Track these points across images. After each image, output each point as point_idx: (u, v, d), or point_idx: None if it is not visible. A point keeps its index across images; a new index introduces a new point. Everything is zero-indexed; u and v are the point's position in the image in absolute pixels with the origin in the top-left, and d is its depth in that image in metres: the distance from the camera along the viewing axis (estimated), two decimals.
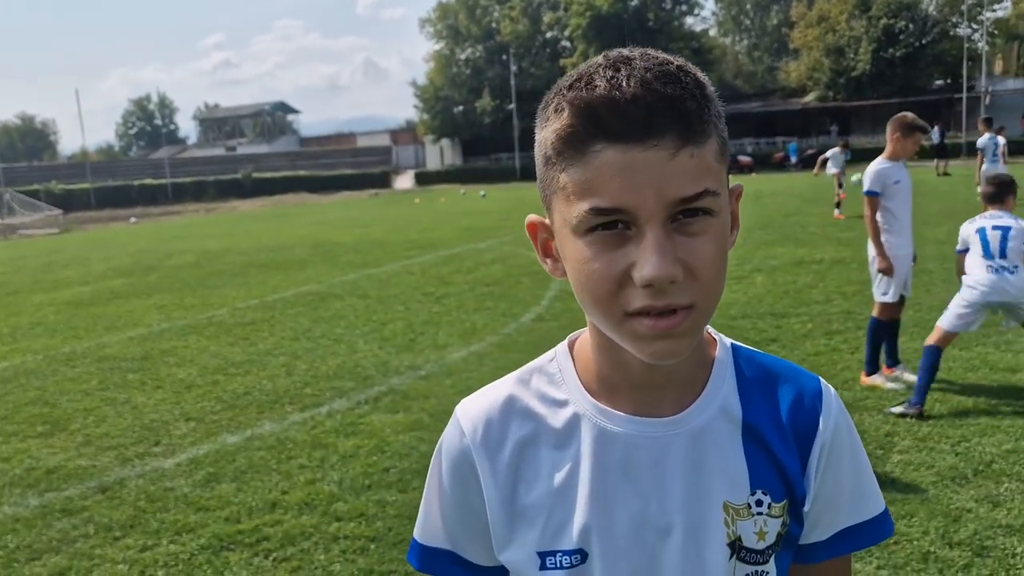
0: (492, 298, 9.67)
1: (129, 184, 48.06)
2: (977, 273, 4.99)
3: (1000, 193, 5.22)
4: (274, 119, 79.39)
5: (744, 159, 42.40)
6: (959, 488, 3.98)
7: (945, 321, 5.10)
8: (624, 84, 0.76)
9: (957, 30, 49.97)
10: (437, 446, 0.97)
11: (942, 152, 29.44)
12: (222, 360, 7.49)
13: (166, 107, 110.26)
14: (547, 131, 0.81)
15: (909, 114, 5.62)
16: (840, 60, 50.31)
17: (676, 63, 0.79)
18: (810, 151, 41.75)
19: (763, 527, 0.90)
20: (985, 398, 5.22)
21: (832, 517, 0.95)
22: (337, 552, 3.71)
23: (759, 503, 0.90)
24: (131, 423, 5.80)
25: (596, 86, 0.77)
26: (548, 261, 0.90)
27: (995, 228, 5.00)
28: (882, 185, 5.50)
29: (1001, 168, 14.68)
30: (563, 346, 0.98)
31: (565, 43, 59.56)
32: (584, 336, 0.96)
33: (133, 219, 34.50)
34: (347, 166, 56.24)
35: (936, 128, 34.03)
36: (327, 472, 4.62)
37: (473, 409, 0.95)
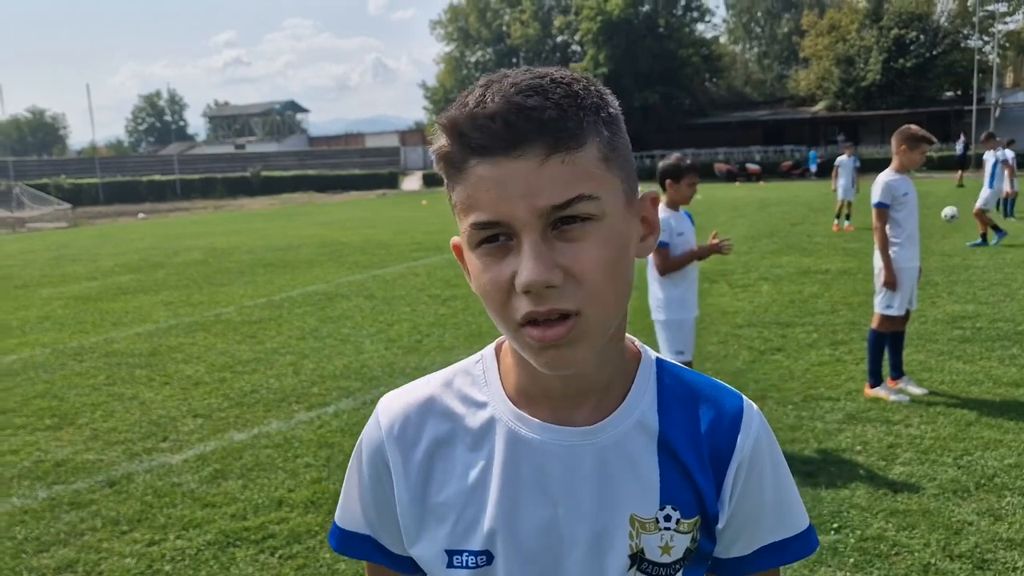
0: None
1: (138, 180, 48.20)
2: None
3: None
4: (284, 118, 79.64)
5: (752, 167, 42.33)
6: (961, 501, 4.01)
7: None
8: (488, 101, 0.78)
9: (968, 41, 49.91)
10: (359, 438, 0.99)
11: (963, 163, 29.60)
12: (229, 358, 7.54)
13: (176, 103, 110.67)
14: (436, 153, 0.83)
15: (914, 126, 5.65)
16: (850, 70, 50.29)
17: (552, 77, 0.81)
18: (818, 160, 41.75)
19: (669, 542, 0.91)
20: (988, 412, 5.23)
21: (753, 533, 0.96)
22: None
23: (667, 518, 0.91)
24: (139, 418, 5.84)
25: (465, 105, 0.80)
26: (466, 275, 0.91)
27: None
28: (891, 197, 5.53)
29: (1007, 184, 14.64)
30: (490, 349, 0.99)
31: (575, 47, 59.62)
32: (508, 342, 0.97)
33: (141, 215, 34.62)
34: (355, 166, 56.34)
35: (960, 140, 34.05)
36: (333, 471, 4.66)
37: (393, 405, 0.97)
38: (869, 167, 21.30)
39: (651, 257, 4.75)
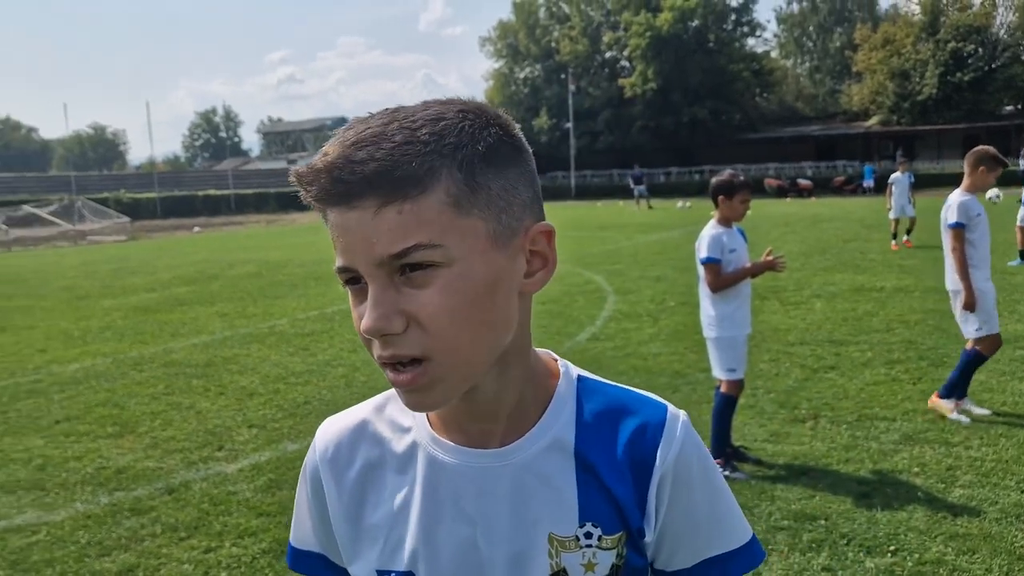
0: (547, 316, 9.72)
1: (194, 194, 49.38)
2: None
3: None
4: (335, 134, 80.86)
5: (803, 183, 41.75)
6: None
7: None
8: (334, 151, 0.79)
9: None
10: (304, 462, 1.02)
11: None
12: (283, 369, 7.68)
13: (231, 120, 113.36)
14: None
15: (991, 148, 5.57)
16: (905, 84, 49.42)
17: (403, 121, 0.80)
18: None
19: (592, 559, 0.91)
20: None
21: (691, 546, 0.95)
22: None
23: (588, 535, 0.91)
24: (196, 428, 5.98)
25: (315, 155, 0.81)
26: None
27: None
28: (967, 217, 5.42)
29: None
30: None
31: (624, 63, 59.62)
32: None
33: (197, 228, 35.44)
34: None
35: (1021, 154, 33.17)
36: None
37: (328, 431, 1.00)
38: (925, 183, 20.87)
39: (703, 274, 4.73)
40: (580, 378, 0.97)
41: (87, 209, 36.39)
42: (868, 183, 38.98)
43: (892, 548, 3.75)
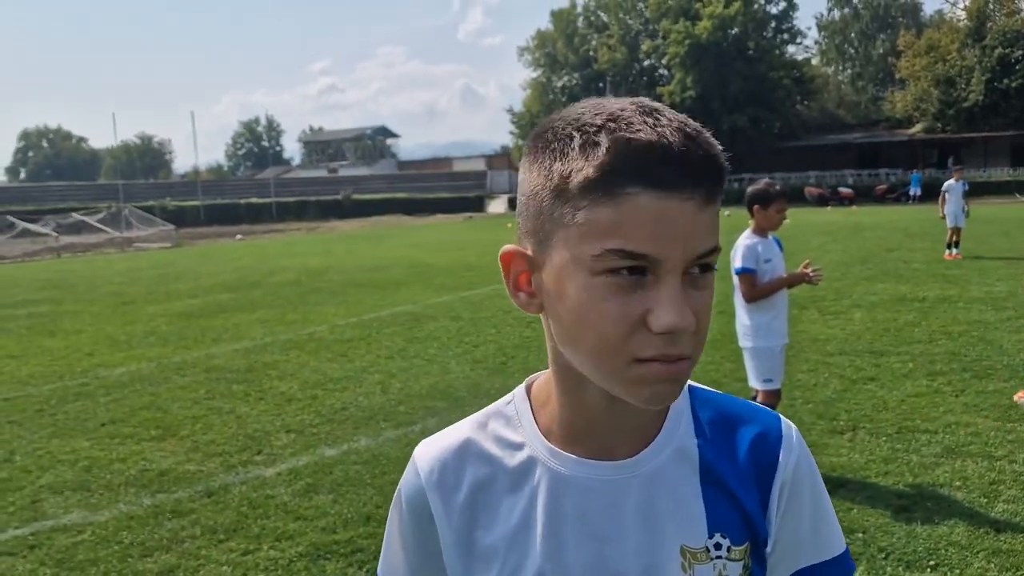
0: None
1: (236, 202, 50.22)
2: None
3: None
4: (374, 143, 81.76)
5: (845, 191, 41.23)
6: None
7: None
8: (669, 133, 0.75)
9: None
10: (398, 487, 0.97)
11: None
12: (321, 375, 7.78)
13: (273, 129, 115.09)
14: (567, 165, 0.78)
15: None
16: (950, 90, 48.56)
17: (688, 121, 0.79)
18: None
19: (723, 570, 0.88)
20: None
21: (793, 557, 0.94)
22: None
23: (718, 546, 0.88)
24: (235, 432, 6.08)
25: (638, 129, 0.75)
26: (521, 295, 0.87)
27: None
28: None
29: None
30: (521, 389, 0.97)
31: (663, 71, 59.41)
32: (543, 379, 0.95)
33: (239, 236, 36.01)
34: (443, 189, 57.32)
35: None
36: None
37: (430, 452, 0.95)
38: (971, 191, 20.40)
39: (738, 284, 4.70)
40: (691, 388, 0.95)
41: (134, 217, 37.20)
42: (915, 191, 38.27)
43: (932, 563, 3.68)
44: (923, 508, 4.24)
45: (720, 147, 0.79)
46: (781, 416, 0.96)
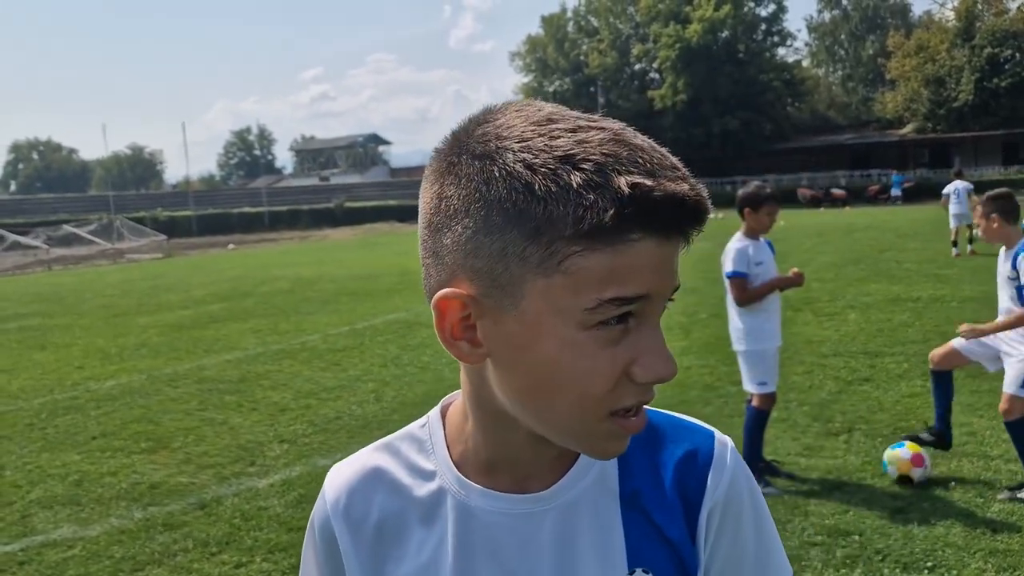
0: None
1: (229, 212, 50.06)
2: None
3: None
4: (366, 150, 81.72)
5: (837, 192, 41.30)
6: None
7: None
8: (668, 175, 0.70)
9: None
10: (311, 514, 0.92)
11: None
12: (314, 385, 7.73)
13: (265, 138, 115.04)
14: (556, 206, 0.68)
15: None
16: (940, 90, 48.77)
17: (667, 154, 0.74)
18: (907, 184, 40.44)
19: None
20: None
21: None
22: None
23: None
24: (228, 443, 6.04)
25: (639, 171, 0.69)
26: (462, 344, 0.76)
27: None
28: None
29: None
30: (436, 412, 0.90)
31: (653, 75, 59.56)
32: (458, 405, 0.88)
33: (231, 246, 35.92)
34: None
35: None
36: None
37: (340, 478, 0.89)
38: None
39: (729, 288, 4.69)
40: None
41: (125, 228, 37.05)
42: (896, 192, 38.36)
43: (929, 564, 3.67)
44: (919, 509, 4.23)
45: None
46: (716, 432, 0.88)
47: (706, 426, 0.89)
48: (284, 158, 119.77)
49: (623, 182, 0.67)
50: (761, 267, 4.65)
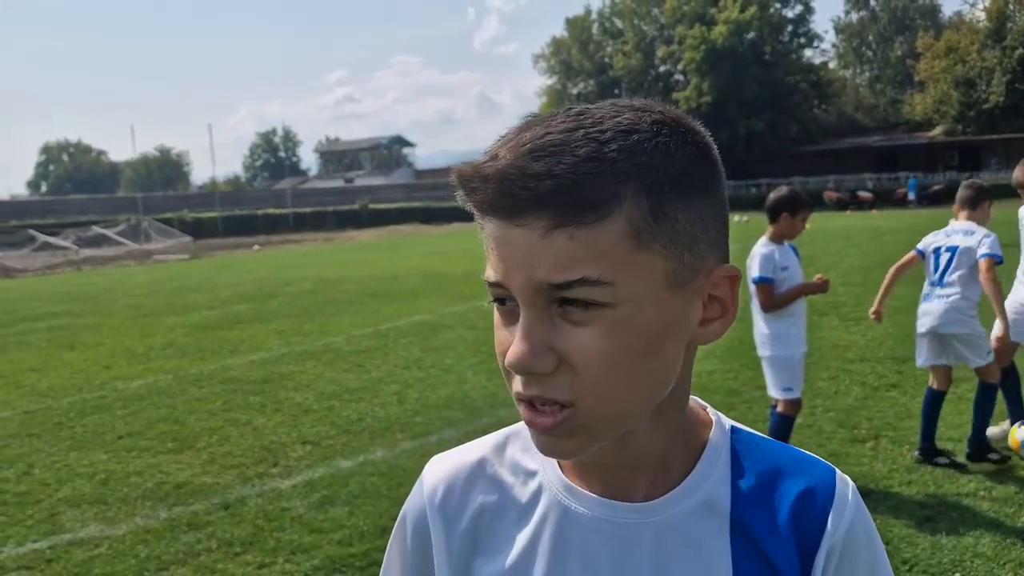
0: None
1: (254, 213, 50.48)
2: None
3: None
4: (391, 152, 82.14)
5: (864, 195, 40.91)
6: None
7: None
8: (500, 155, 0.69)
9: None
10: (404, 504, 0.91)
11: None
12: (337, 386, 7.77)
13: (290, 140, 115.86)
14: None
15: None
16: (970, 92, 48.16)
17: (590, 130, 0.69)
18: (937, 187, 39.92)
19: None
20: None
21: None
22: None
23: None
24: (252, 444, 6.08)
25: (487, 152, 0.71)
26: None
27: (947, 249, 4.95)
28: None
29: None
30: None
31: (678, 77, 59.32)
32: None
33: (256, 247, 36.21)
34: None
35: None
36: None
37: (439, 470, 0.88)
38: (993, 193, 20.14)
39: (755, 293, 4.66)
40: (734, 429, 0.85)
41: (153, 229, 37.48)
42: (911, 197, 37.90)
43: (957, 575, 3.61)
44: (948, 518, 4.16)
45: (600, 159, 0.67)
46: (836, 470, 0.84)
47: (826, 462, 0.85)
48: (309, 160, 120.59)
49: (463, 163, 0.71)
50: (787, 272, 4.61)
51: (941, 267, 4.95)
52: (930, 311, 4.97)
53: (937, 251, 4.98)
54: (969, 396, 6.22)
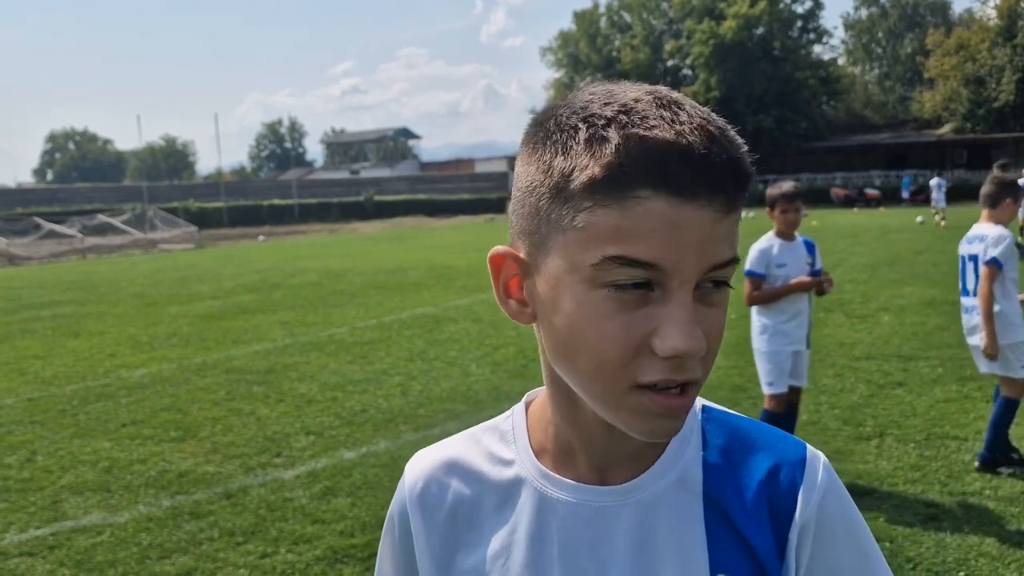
0: None
1: (259, 204, 50.52)
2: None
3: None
4: (396, 144, 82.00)
5: (871, 192, 40.76)
6: None
7: None
8: (688, 131, 0.67)
9: None
10: (391, 504, 0.93)
11: None
12: (341, 377, 7.76)
13: (296, 131, 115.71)
14: (569, 160, 0.70)
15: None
16: (980, 90, 47.87)
17: (708, 117, 0.70)
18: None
19: None
20: None
21: None
22: None
23: None
24: (255, 433, 6.08)
25: (653, 125, 0.67)
26: (512, 302, 0.80)
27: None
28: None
29: None
30: (520, 404, 0.91)
31: (686, 71, 59.12)
32: (542, 395, 0.87)
33: (261, 237, 36.23)
34: (464, 191, 57.32)
35: None
36: None
37: (418, 464, 0.91)
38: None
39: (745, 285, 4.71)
40: (705, 408, 0.86)
41: (158, 218, 37.51)
42: (905, 194, 37.76)
43: (962, 574, 3.59)
44: (952, 517, 4.14)
45: (745, 148, 0.71)
46: (808, 446, 0.83)
47: (798, 439, 0.85)
48: (314, 151, 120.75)
49: (620, 135, 0.68)
50: (783, 269, 4.60)
51: (963, 276, 4.85)
52: (965, 323, 4.89)
53: (963, 260, 4.88)
54: (976, 395, 6.20)
